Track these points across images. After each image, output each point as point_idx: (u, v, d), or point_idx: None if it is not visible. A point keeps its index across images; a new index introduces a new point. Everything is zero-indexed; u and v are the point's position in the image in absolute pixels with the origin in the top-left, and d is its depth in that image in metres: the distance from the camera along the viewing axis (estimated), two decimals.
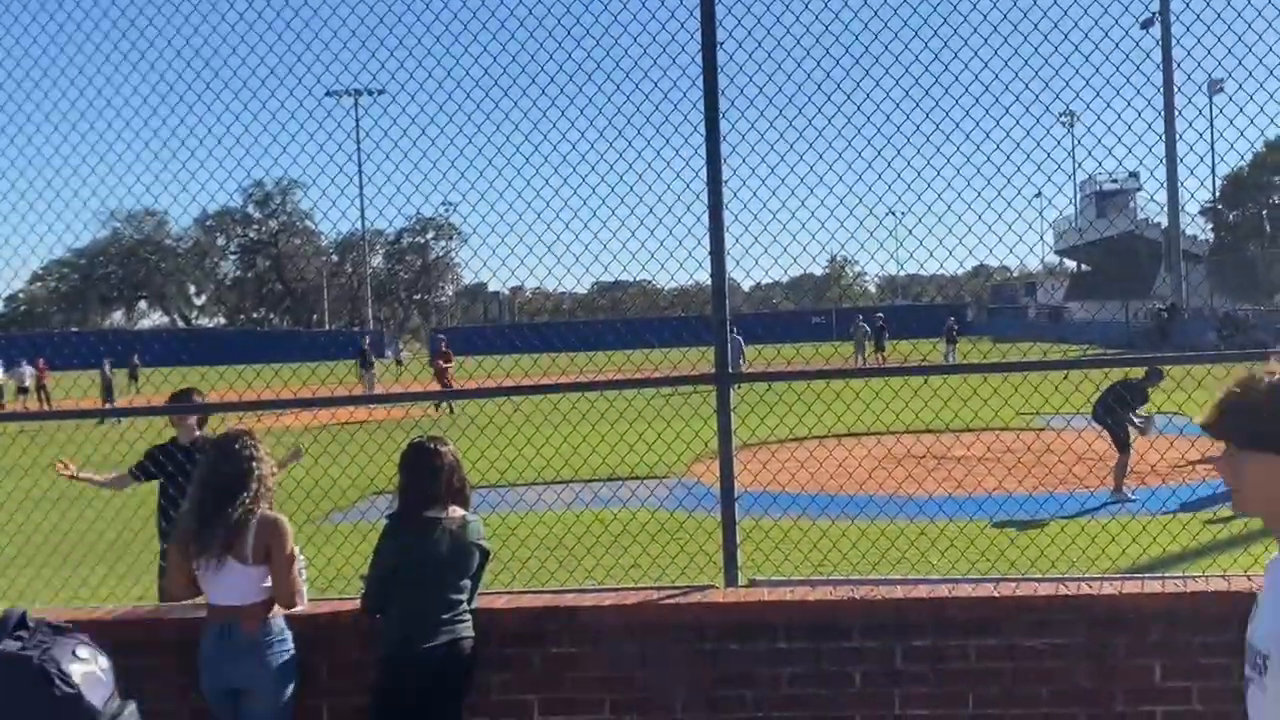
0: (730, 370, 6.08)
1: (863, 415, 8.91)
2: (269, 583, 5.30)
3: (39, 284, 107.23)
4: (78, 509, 7.59)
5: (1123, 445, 14.08)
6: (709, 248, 5.92)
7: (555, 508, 9.29)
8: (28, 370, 42.63)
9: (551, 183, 6.48)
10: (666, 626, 5.62)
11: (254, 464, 5.35)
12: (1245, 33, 5.90)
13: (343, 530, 10.59)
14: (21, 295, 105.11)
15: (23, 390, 41.95)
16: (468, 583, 5.40)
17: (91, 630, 5.67)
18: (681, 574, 6.58)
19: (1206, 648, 5.32)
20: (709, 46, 5.85)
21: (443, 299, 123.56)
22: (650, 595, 5.77)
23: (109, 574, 8.72)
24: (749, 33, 6.00)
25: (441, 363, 33.13)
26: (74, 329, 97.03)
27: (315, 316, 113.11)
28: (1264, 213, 78.90)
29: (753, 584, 5.94)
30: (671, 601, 5.67)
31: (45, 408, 37.13)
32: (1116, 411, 13.88)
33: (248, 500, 5.25)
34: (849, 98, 6.08)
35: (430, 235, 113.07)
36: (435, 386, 27.82)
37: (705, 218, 5.91)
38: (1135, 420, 14.18)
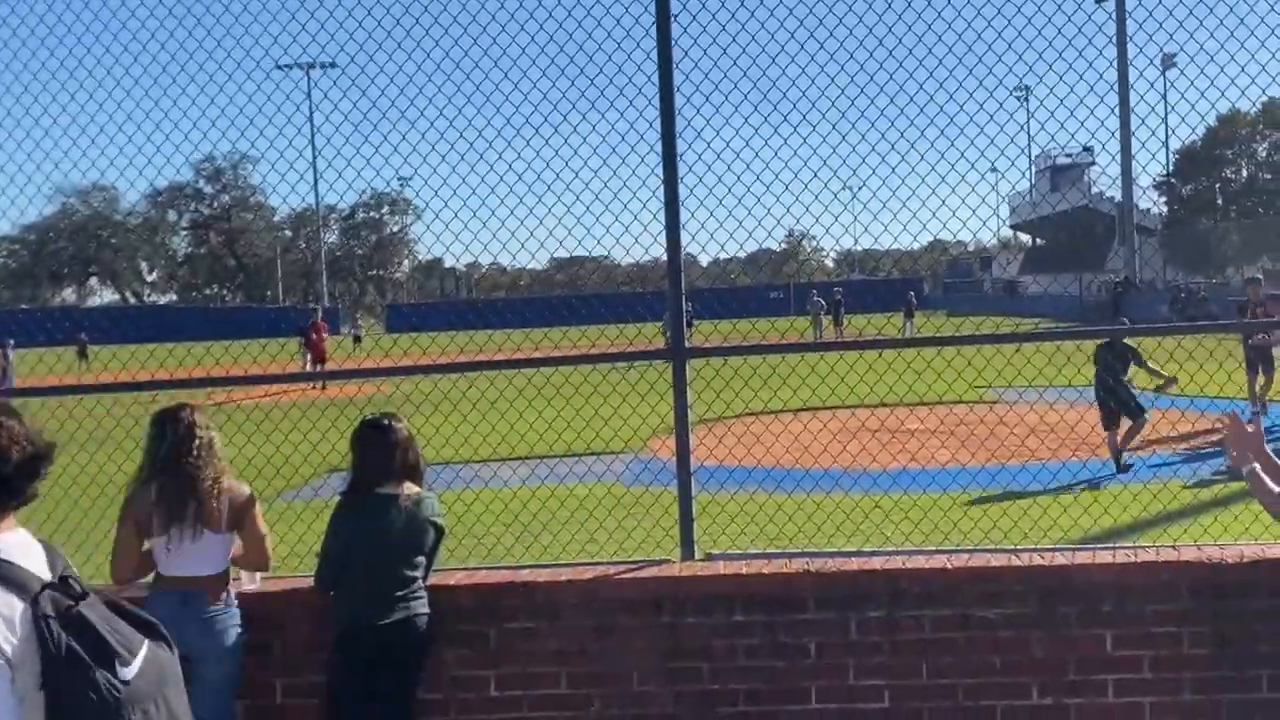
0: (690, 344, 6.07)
1: (818, 390, 8.95)
2: (239, 550, 5.37)
3: None
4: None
5: (1137, 409, 13.80)
6: (665, 223, 5.90)
7: (512, 484, 9.27)
8: None
9: (505, 156, 6.43)
10: (623, 601, 5.63)
11: (209, 434, 5.36)
12: (1196, 6, 5.94)
13: (295, 508, 10.52)
14: None
15: None
16: (422, 560, 5.37)
17: None
18: (638, 548, 6.59)
19: (1158, 617, 5.39)
20: (663, 19, 5.81)
21: (398, 275, 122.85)
22: (606, 570, 5.76)
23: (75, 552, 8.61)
24: (703, 5, 5.97)
25: (314, 336, 32.48)
26: (23, 306, 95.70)
27: (269, 293, 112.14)
28: (1216, 186, 79.82)
29: (709, 558, 5.95)
30: (628, 576, 5.67)
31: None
32: (1119, 374, 13.75)
33: (213, 470, 5.28)
34: (804, 71, 6.07)
35: (385, 210, 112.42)
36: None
37: (661, 193, 5.89)
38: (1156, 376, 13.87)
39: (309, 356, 31.69)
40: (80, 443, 9.72)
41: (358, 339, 48.39)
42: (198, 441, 5.31)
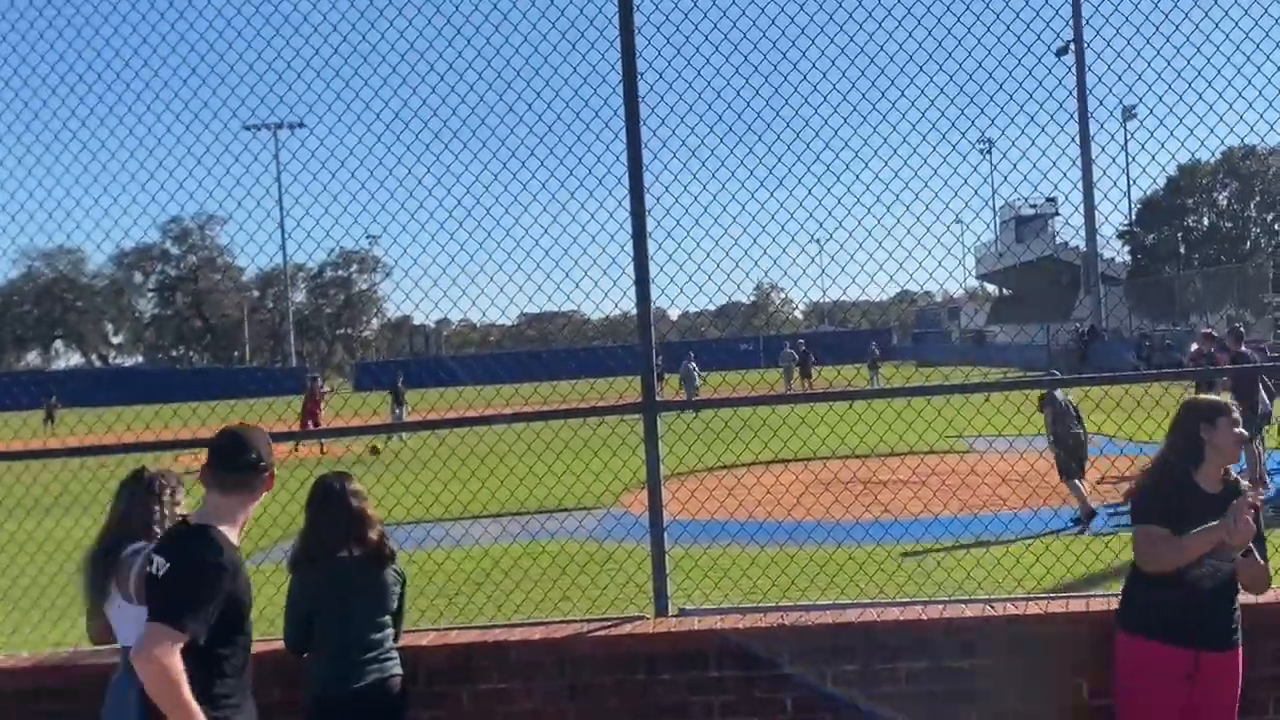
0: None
1: (789, 441, 8.92)
2: None
3: None
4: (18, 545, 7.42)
5: (1081, 461, 14.04)
6: (634, 277, 5.91)
7: (484, 542, 9.21)
8: None
9: (474, 214, 6.44)
10: (597, 659, 5.58)
11: (157, 500, 5.19)
12: (1154, 59, 6.04)
13: (264, 570, 10.38)
14: None
15: None
16: (388, 619, 5.31)
17: (2, 681, 5.54)
18: (611, 605, 6.54)
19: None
20: (629, 76, 5.86)
21: (367, 333, 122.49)
22: (580, 628, 5.72)
23: (23, 620, 8.52)
24: (669, 63, 6.03)
25: (311, 405, 32.31)
26: None
27: (236, 353, 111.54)
28: (1179, 235, 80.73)
29: (683, 614, 5.91)
30: (602, 634, 5.63)
31: None
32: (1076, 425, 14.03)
33: (144, 537, 5.07)
34: (769, 126, 6.13)
35: (353, 268, 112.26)
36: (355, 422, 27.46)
37: (630, 247, 5.91)
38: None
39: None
40: (46, 507, 9.63)
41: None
42: (131, 509, 5.17)
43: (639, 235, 5.88)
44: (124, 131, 6.53)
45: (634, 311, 5.99)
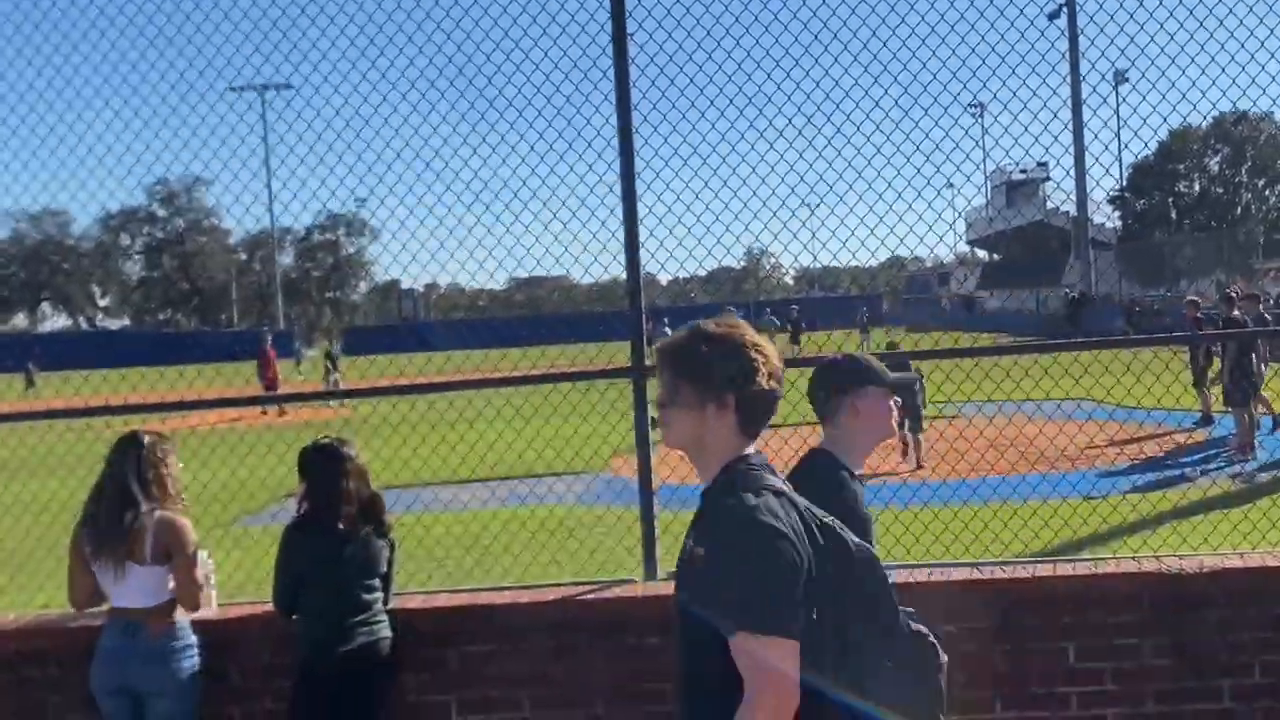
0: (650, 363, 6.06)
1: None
2: (173, 584, 5.19)
3: None
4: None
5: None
6: (624, 241, 5.89)
7: (472, 506, 9.21)
8: None
9: (462, 176, 6.40)
10: (585, 622, 5.59)
11: (155, 464, 5.23)
12: (1147, 22, 6.00)
13: (253, 533, 10.42)
14: None
15: None
16: (378, 582, 5.32)
17: None
18: (600, 569, 6.54)
19: (1118, 628, 5.41)
20: (619, 37, 5.81)
21: (355, 297, 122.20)
22: (568, 591, 5.72)
23: (9, 584, 8.51)
24: (659, 24, 5.98)
25: (264, 366, 32.23)
26: None
27: (224, 316, 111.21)
28: (1170, 200, 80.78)
29: (671, 576, 5.91)
30: (590, 597, 5.63)
31: None
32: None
33: (145, 501, 5.15)
34: (760, 89, 6.09)
35: (341, 232, 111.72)
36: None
37: (620, 211, 5.88)
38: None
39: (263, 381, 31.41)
40: (31, 469, 9.61)
41: (298, 363, 47.51)
42: (135, 472, 5.20)
43: (628, 198, 5.85)
44: (109, 91, 6.48)
45: (624, 276, 5.96)
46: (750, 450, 3.03)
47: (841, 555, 2.94)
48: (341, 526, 5.23)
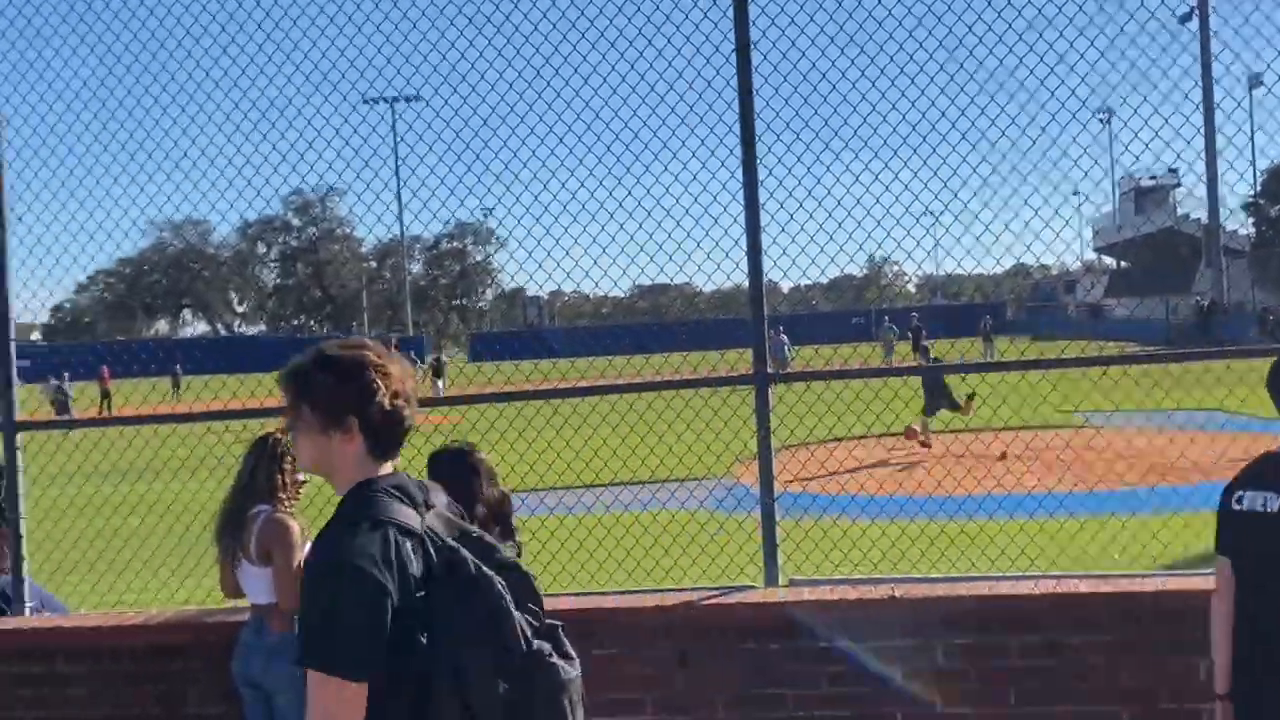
0: (775, 369, 6.09)
1: (901, 415, 8.86)
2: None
3: (85, 293, 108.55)
4: (121, 515, 7.71)
5: None
6: (746, 248, 5.93)
7: (595, 510, 9.32)
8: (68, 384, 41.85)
9: (587, 184, 6.48)
10: (706, 627, 5.63)
11: (275, 465, 5.41)
12: None
13: None
14: (68, 305, 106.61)
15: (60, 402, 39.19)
16: None
17: (134, 636, 5.77)
18: (723, 574, 6.57)
19: None
20: (743, 46, 5.85)
21: (481, 304, 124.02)
22: (690, 596, 5.77)
23: (153, 579, 8.84)
24: (783, 31, 6.01)
25: None
26: (120, 337, 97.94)
27: (355, 323, 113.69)
28: None
29: (793, 584, 5.93)
30: (711, 602, 5.67)
31: (107, 414, 36.57)
32: None
33: (259, 501, 5.35)
34: (884, 95, 6.07)
35: (468, 240, 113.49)
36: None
37: (743, 218, 5.92)
38: None
39: None
40: (173, 470, 9.98)
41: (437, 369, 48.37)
42: (253, 472, 5.40)
43: (751, 206, 5.88)
44: (247, 105, 6.70)
45: (745, 284, 5.99)
46: (383, 472, 3.01)
47: (460, 576, 2.90)
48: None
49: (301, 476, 5.49)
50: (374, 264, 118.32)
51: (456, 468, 5.37)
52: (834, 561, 7.92)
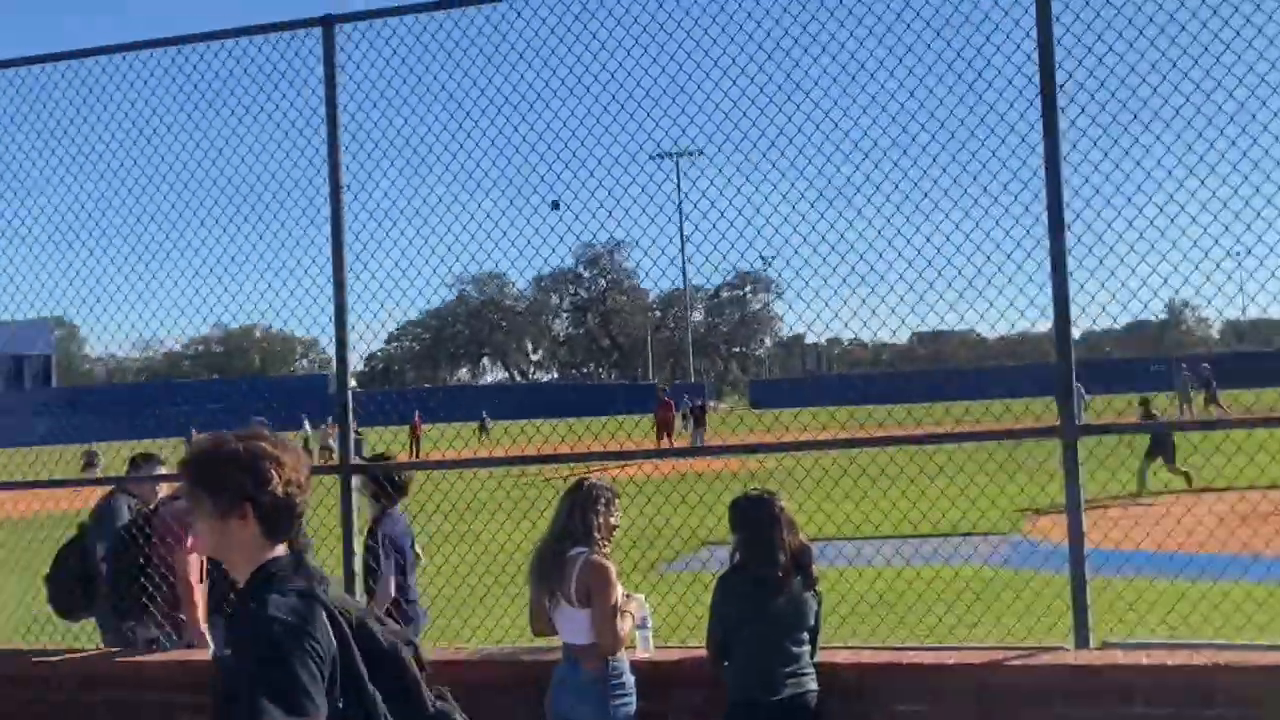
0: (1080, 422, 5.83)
1: (1203, 470, 8.30)
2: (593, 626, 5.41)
3: (395, 344, 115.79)
4: (466, 545, 8.11)
5: None
6: (1052, 294, 5.71)
7: (896, 563, 9.09)
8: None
9: (865, 235, 6.37)
10: (1013, 688, 5.41)
11: (590, 509, 5.50)
12: None
13: (668, 579, 10.73)
14: (379, 354, 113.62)
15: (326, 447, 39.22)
16: (807, 634, 5.37)
17: (457, 670, 6.01)
18: (1029, 634, 6.30)
19: None
20: (1048, 84, 5.68)
21: (759, 351, 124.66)
22: (996, 654, 5.56)
23: (471, 616, 9.18)
24: (1091, 73, 5.80)
25: (664, 413, 33.45)
26: (425, 385, 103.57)
27: (640, 369, 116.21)
28: None
29: (1106, 646, 5.64)
30: (1019, 662, 5.45)
31: (414, 457, 37.44)
32: None
33: (575, 543, 5.43)
34: (1189, 125, 5.72)
35: (748, 289, 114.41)
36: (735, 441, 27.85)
37: (1041, 262, 5.71)
38: None
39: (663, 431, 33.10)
40: (476, 510, 10.37)
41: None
42: (569, 514, 5.51)
43: (1057, 252, 5.68)
44: (544, 168, 6.93)
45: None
46: (278, 553, 3.17)
47: (371, 647, 3.12)
48: (774, 576, 5.31)
49: (615, 520, 5.59)
50: (658, 313, 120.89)
51: (757, 515, 5.41)
52: (1148, 624, 7.48)
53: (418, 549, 8.14)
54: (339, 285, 6.83)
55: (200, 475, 3.18)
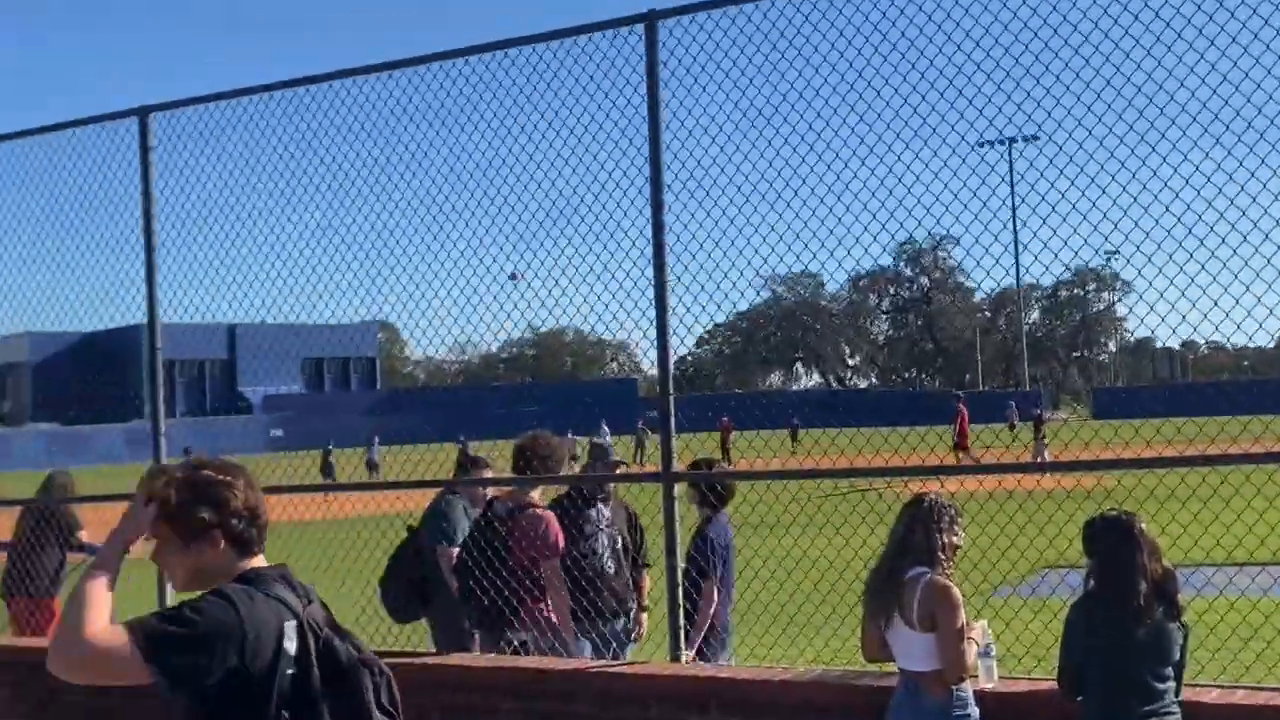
0: None
1: None
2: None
3: (705, 347, 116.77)
4: (754, 569, 7.85)
5: None
6: None
7: (1270, 592, 8.13)
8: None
9: (1205, 218, 5.60)
10: None
11: (929, 527, 5.23)
12: None
13: (1012, 604, 10.02)
14: (689, 358, 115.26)
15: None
16: (1170, 670, 4.89)
17: (787, 692, 5.72)
18: None
19: None
20: None
21: (1103, 356, 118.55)
22: None
23: (781, 635, 8.86)
24: None
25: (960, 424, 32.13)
26: (736, 389, 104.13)
27: (968, 376, 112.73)
28: None
29: None
30: None
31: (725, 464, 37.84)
32: None
33: (914, 564, 5.18)
34: None
35: (1090, 287, 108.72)
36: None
37: None
38: None
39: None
40: (785, 525, 9.97)
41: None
42: (909, 533, 5.26)
43: None
44: (865, 151, 6.44)
45: None
46: (257, 564, 3.30)
47: (331, 665, 3.17)
48: (1134, 606, 4.85)
49: (958, 540, 5.31)
50: (988, 314, 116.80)
51: (1114, 538, 5.00)
52: None
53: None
54: (659, 287, 6.65)
55: (162, 509, 3.27)
